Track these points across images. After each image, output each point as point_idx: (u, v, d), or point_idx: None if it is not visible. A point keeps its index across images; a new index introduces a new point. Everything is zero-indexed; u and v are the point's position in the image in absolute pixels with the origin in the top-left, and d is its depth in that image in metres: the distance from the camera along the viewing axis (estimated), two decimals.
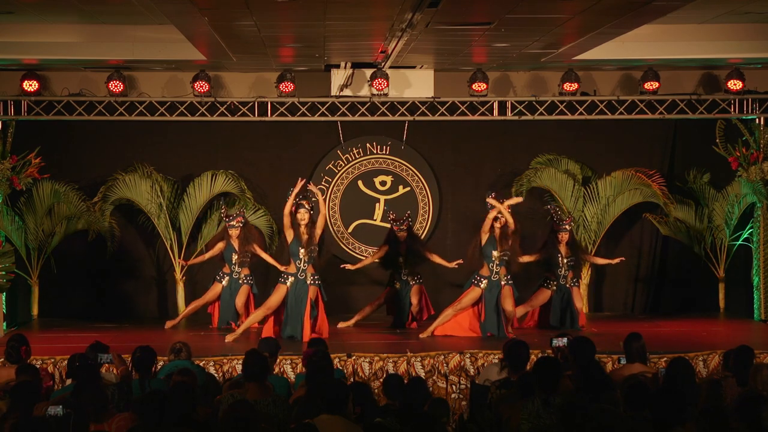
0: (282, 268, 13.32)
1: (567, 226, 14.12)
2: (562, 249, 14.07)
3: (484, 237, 13.31)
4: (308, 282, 13.15)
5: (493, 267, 13.30)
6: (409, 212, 14.62)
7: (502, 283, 13.31)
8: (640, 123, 15.51)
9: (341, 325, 14.24)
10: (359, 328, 14.17)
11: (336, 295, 15.40)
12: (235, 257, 14.04)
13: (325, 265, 14.10)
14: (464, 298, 13.40)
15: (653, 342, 11.53)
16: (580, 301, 14.15)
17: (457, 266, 14.00)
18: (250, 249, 13.96)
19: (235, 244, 14.01)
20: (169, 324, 14.25)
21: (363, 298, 15.24)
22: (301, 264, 13.13)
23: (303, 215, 13.12)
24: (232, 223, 13.99)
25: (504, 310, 13.30)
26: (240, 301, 14.05)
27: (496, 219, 13.27)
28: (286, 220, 13.11)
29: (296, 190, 13.12)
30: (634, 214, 15.73)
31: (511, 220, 13.20)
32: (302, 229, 13.12)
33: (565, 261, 14.06)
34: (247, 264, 14.11)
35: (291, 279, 13.16)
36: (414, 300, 14.13)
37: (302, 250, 13.11)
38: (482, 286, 13.31)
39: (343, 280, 15.24)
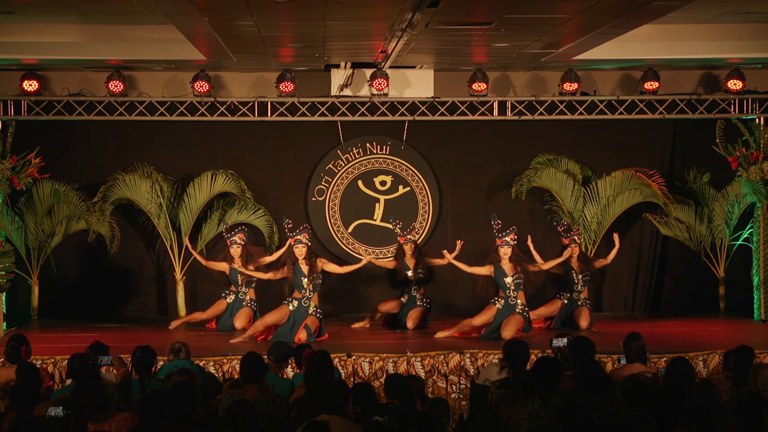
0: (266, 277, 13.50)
1: (576, 238, 14.07)
2: (575, 265, 14.03)
3: (492, 269, 13.37)
4: (310, 311, 13.15)
5: (509, 292, 13.29)
6: (414, 224, 14.60)
7: (517, 310, 13.26)
8: (640, 123, 15.51)
9: (356, 325, 14.22)
10: (359, 329, 14.15)
11: (346, 294, 15.44)
12: (240, 278, 14.06)
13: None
14: (482, 315, 13.32)
15: (653, 342, 11.53)
16: (587, 320, 14.02)
17: (460, 247, 13.83)
18: (255, 266, 13.88)
19: (238, 266, 13.91)
20: (174, 324, 14.27)
21: (373, 298, 15.23)
22: (306, 293, 13.16)
23: (301, 250, 13.16)
24: (234, 239, 13.95)
25: (501, 336, 13.14)
26: (239, 323, 13.96)
27: (501, 247, 13.29)
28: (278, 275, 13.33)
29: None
30: (634, 214, 15.72)
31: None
32: (301, 261, 13.15)
33: (580, 277, 14.03)
34: (253, 285, 14.09)
35: (295, 303, 13.16)
36: (410, 323, 13.99)
37: (305, 280, 13.13)
38: (498, 305, 13.31)
39: (355, 279, 15.25)
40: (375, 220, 15.79)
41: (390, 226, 14.64)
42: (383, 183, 15.80)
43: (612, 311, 15.85)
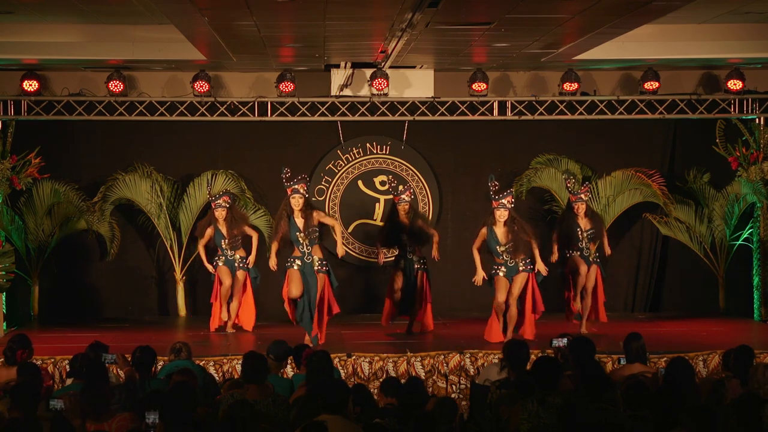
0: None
1: (583, 196, 13.56)
2: (581, 222, 13.48)
3: (485, 233, 12.91)
4: (315, 268, 12.64)
5: (504, 257, 12.86)
6: (410, 184, 14.31)
7: (521, 268, 12.84)
8: (640, 123, 15.51)
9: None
10: (359, 329, 14.11)
11: (335, 295, 15.43)
12: (224, 242, 13.77)
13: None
14: (500, 291, 12.79)
15: (653, 342, 11.53)
16: (599, 281, 13.57)
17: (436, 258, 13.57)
18: (239, 231, 13.78)
19: (223, 228, 13.76)
20: (229, 327, 13.96)
21: (376, 294, 15.22)
22: (304, 248, 12.66)
23: (297, 201, 12.67)
24: (218, 202, 13.81)
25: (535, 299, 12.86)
26: (238, 290, 13.84)
27: (497, 209, 12.85)
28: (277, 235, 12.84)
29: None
30: (634, 214, 15.73)
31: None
32: (297, 213, 12.70)
33: (585, 234, 13.47)
34: (240, 245, 13.86)
35: (298, 262, 12.67)
36: (427, 290, 13.53)
37: (300, 235, 12.67)
38: (501, 274, 12.88)
39: (355, 278, 15.23)
40: (375, 220, 15.78)
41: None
42: (383, 183, 15.79)
43: (612, 311, 15.80)
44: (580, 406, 6.90)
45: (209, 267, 13.95)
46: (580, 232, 13.51)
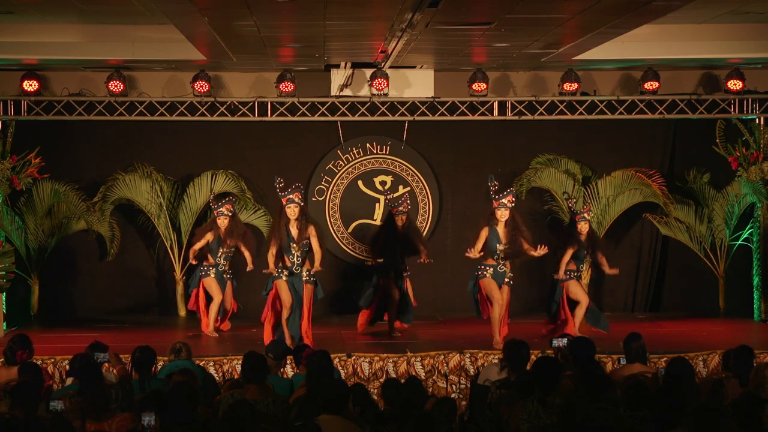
0: (250, 267, 13.15)
1: (586, 216, 13.43)
2: (585, 241, 13.34)
3: (487, 231, 12.83)
4: (303, 279, 12.69)
5: (497, 259, 12.84)
6: (407, 192, 14.30)
7: (506, 279, 12.89)
8: (640, 123, 15.51)
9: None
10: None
11: (336, 295, 15.44)
12: (221, 250, 13.73)
13: (326, 266, 13.99)
14: (494, 292, 12.74)
15: (653, 342, 11.53)
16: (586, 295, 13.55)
17: (427, 261, 13.60)
18: (235, 242, 13.74)
19: (223, 236, 13.75)
20: (210, 331, 13.77)
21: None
22: (294, 259, 12.67)
23: (293, 210, 12.65)
24: (221, 210, 13.73)
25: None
26: (228, 300, 13.92)
27: (498, 209, 12.78)
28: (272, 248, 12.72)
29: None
30: (634, 214, 15.73)
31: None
32: (292, 222, 12.68)
33: (587, 256, 13.44)
34: (231, 258, 13.86)
35: (286, 272, 12.66)
36: (411, 293, 13.70)
37: (294, 246, 12.65)
38: (488, 274, 12.83)
39: (354, 278, 15.23)
40: (375, 220, 15.78)
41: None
42: (383, 183, 15.79)
43: (612, 311, 15.84)
44: (580, 406, 6.89)
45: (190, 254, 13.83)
46: (584, 253, 13.37)
